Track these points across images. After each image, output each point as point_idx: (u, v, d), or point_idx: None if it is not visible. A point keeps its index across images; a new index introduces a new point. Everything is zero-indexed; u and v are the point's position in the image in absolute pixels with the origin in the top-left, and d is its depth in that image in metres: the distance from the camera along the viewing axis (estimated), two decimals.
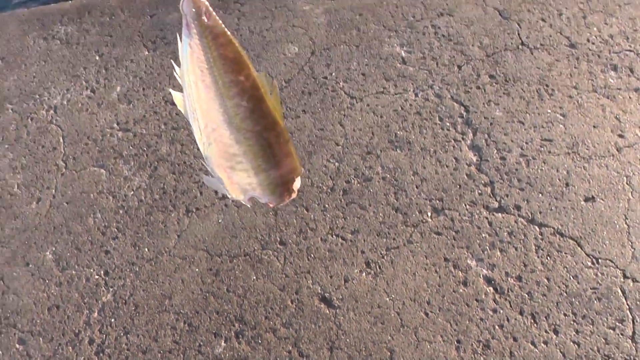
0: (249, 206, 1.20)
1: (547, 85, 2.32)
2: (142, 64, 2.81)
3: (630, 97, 2.25)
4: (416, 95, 2.36)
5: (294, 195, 1.18)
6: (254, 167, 1.12)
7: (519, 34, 2.54)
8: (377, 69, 2.50)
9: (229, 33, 1.05)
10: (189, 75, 1.08)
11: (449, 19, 2.67)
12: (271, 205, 1.19)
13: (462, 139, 2.20)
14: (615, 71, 2.34)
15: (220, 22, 1.02)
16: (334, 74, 2.51)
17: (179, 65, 1.08)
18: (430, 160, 2.15)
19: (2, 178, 2.50)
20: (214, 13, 1.04)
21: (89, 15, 3.21)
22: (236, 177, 1.15)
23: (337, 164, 2.20)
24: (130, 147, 2.44)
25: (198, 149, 2.37)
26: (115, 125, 2.55)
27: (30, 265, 2.18)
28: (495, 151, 2.15)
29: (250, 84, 1.07)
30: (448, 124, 2.24)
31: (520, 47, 2.49)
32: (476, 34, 2.58)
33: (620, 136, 2.15)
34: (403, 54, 2.55)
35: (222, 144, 1.11)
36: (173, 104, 2.57)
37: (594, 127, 2.18)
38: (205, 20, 1.03)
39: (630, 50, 2.40)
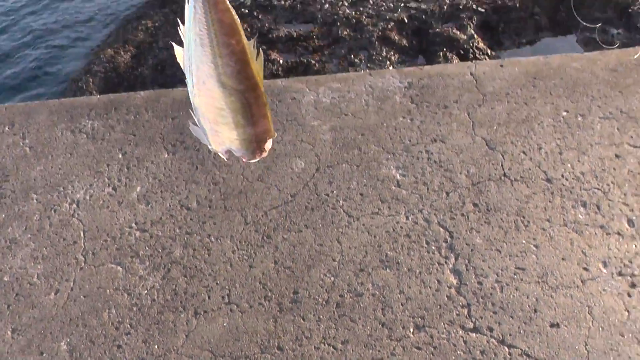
0: (225, 159, 1.45)
1: (523, 217, 2.80)
2: (162, 166, 3.31)
3: (595, 233, 2.73)
4: (407, 218, 2.84)
5: (264, 154, 1.40)
6: (234, 121, 1.33)
7: (502, 165, 3.06)
8: (374, 190, 2.99)
9: (228, 2, 1.27)
10: (190, 32, 1.31)
11: (441, 145, 3.20)
12: (244, 160, 1.42)
13: (445, 262, 2.65)
14: (584, 207, 2.83)
15: None
16: (335, 192, 3.01)
17: (183, 23, 1.32)
18: (416, 281, 2.60)
19: (23, 267, 2.94)
20: None
21: (115, 111, 3.75)
22: (218, 129, 1.37)
23: (332, 278, 2.65)
24: (147, 248, 2.90)
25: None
26: (133, 224, 3.02)
27: (45, 355, 2.58)
28: (474, 276, 2.60)
29: (240, 48, 1.29)
30: (433, 247, 2.71)
31: (502, 178, 3.00)
32: (464, 162, 3.09)
33: (585, 269, 2.61)
34: (398, 176, 3.06)
35: (210, 97, 1.33)
36: (188, 208, 3.05)
37: (563, 259, 2.65)
38: None
39: (598, 189, 2.91)
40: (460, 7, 6.02)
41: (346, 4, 6.37)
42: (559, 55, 3.81)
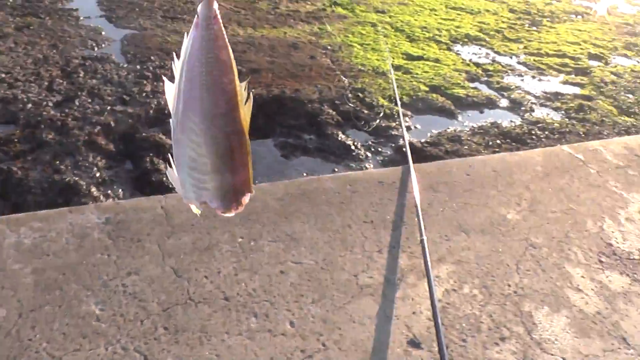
0: (198, 213, 1.54)
1: (206, 333, 3.96)
2: None
3: (265, 337, 3.99)
4: (106, 349, 3.79)
5: (240, 209, 1.50)
6: (212, 163, 1.42)
7: (188, 290, 4.21)
8: (75, 328, 3.89)
9: (227, 40, 1.41)
10: (184, 64, 1.42)
11: (135, 277, 4.25)
12: (219, 212, 1.52)
13: None
14: (255, 317, 4.10)
15: (223, 29, 1.42)
16: (38, 335, 3.83)
17: (178, 58, 1.45)
18: None
19: None
20: (220, 21, 1.42)
21: None
22: (195, 175, 1.46)
23: None
24: None
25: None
26: None
27: None
28: None
29: (231, 88, 1.41)
30: None
31: (188, 301, 4.14)
32: (156, 291, 4.18)
33: None
34: (97, 311, 4.01)
35: (192, 131, 1.42)
36: None
37: None
38: (213, 25, 1.39)
39: (266, 301, 4.22)
40: (166, 112, 7.18)
41: (51, 105, 6.93)
42: None
